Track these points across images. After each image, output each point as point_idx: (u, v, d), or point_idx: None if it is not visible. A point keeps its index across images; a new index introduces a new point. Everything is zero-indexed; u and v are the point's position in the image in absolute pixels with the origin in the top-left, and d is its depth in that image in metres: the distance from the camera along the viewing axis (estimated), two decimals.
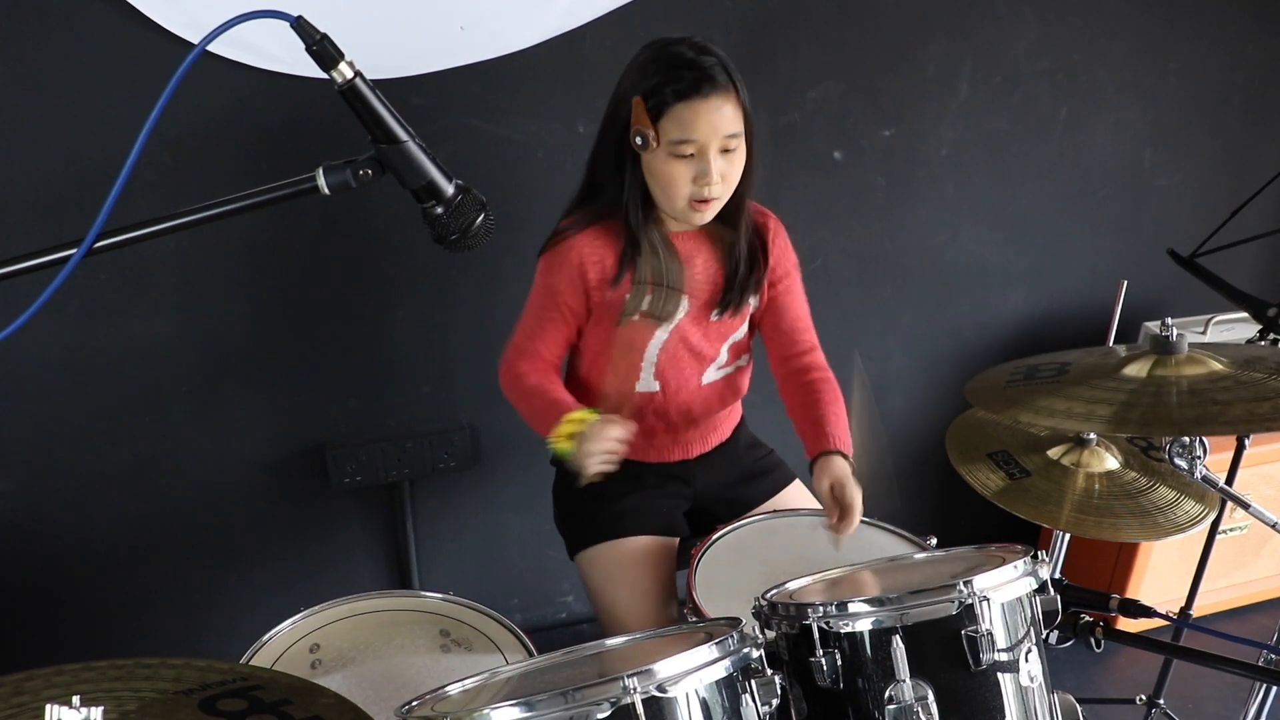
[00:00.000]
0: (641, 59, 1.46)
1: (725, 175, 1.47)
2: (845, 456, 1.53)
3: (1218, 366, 1.34)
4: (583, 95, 2.01)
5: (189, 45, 1.15)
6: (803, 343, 1.69)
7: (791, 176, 2.25)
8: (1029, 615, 1.11)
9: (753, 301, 1.65)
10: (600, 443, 1.38)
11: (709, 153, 1.43)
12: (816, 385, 1.65)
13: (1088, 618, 1.41)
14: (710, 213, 1.51)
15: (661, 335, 1.60)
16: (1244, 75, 2.56)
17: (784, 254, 1.68)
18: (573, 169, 2.05)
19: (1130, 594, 2.31)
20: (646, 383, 1.65)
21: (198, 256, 1.92)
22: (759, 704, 1.00)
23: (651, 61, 1.44)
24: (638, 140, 1.44)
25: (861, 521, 1.61)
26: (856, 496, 1.49)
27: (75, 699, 0.71)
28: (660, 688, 0.91)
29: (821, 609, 1.08)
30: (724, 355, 1.68)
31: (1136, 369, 1.36)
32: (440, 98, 1.93)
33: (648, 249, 1.54)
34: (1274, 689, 1.67)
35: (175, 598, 2.16)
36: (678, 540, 1.72)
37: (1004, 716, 1.06)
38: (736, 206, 1.56)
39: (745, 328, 1.69)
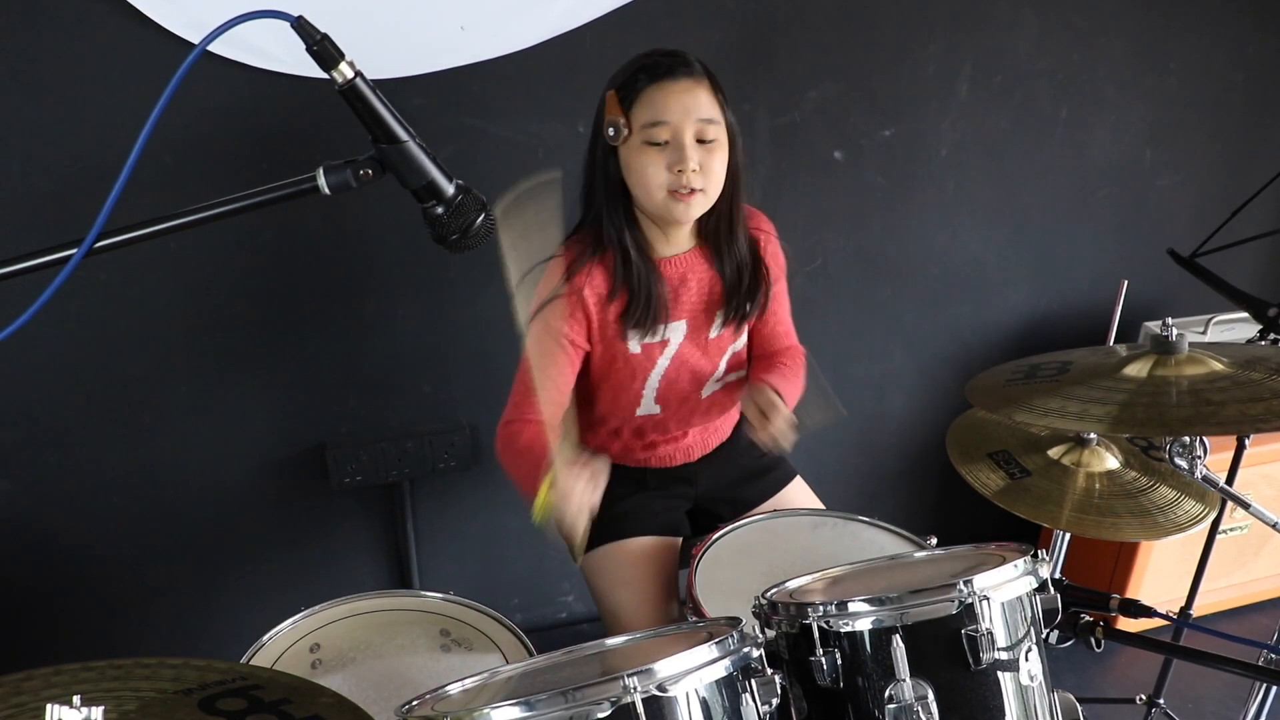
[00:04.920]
0: (617, 69, 1.47)
1: (705, 166, 1.42)
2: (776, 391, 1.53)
3: (1218, 366, 1.34)
4: (583, 95, 2.00)
5: (189, 45, 1.15)
6: (781, 339, 1.74)
7: (791, 176, 2.25)
8: (1029, 614, 1.11)
9: (755, 315, 1.65)
10: (571, 504, 1.28)
11: (684, 137, 1.40)
12: (782, 355, 1.72)
13: (1088, 617, 1.41)
14: (694, 208, 1.45)
15: (663, 364, 1.59)
16: (1244, 75, 2.56)
17: (775, 261, 1.67)
18: (573, 169, 2.05)
19: (1130, 594, 2.31)
20: (648, 407, 1.64)
21: (198, 256, 1.92)
22: (759, 703, 1.00)
23: (626, 64, 1.45)
24: (610, 132, 1.41)
25: (861, 521, 1.61)
26: (776, 404, 1.49)
27: (76, 698, 0.71)
28: (660, 687, 0.91)
29: (821, 608, 1.08)
30: (723, 368, 1.68)
31: (1137, 369, 1.36)
32: (440, 98, 1.93)
33: (636, 267, 1.50)
34: (1274, 689, 1.67)
35: (175, 598, 2.15)
36: (680, 540, 1.72)
37: (1004, 716, 1.06)
38: (730, 220, 1.53)
39: (744, 339, 1.69)
